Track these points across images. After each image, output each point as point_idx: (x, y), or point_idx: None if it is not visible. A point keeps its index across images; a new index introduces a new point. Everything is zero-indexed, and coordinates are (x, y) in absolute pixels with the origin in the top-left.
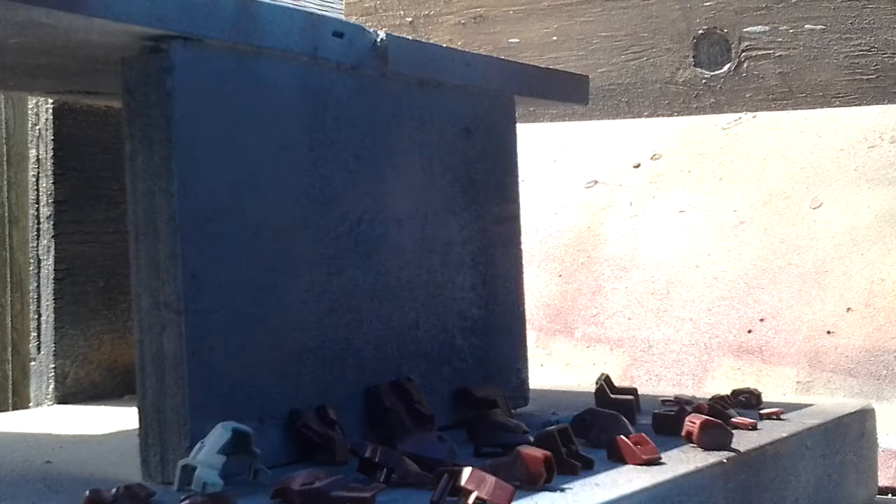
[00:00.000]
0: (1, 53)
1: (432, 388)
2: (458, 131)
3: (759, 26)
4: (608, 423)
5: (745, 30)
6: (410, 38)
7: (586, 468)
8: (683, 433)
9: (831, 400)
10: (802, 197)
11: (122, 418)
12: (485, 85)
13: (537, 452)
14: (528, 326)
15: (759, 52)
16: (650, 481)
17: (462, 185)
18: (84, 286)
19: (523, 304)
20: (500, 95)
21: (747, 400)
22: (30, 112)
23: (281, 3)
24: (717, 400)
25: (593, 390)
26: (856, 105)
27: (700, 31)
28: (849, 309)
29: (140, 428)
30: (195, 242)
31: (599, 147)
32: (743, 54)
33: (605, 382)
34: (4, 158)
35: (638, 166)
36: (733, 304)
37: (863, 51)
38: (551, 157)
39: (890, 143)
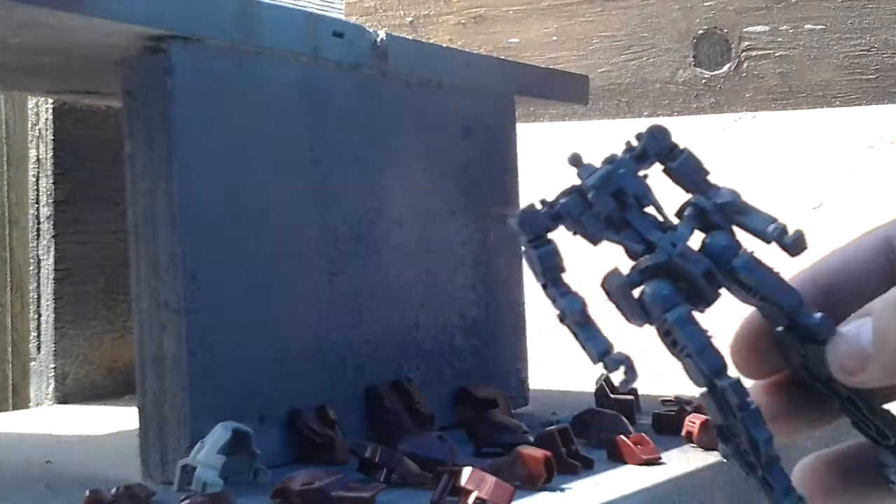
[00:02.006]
0: (1, 53)
1: (432, 388)
2: (458, 131)
3: (759, 26)
4: (608, 423)
5: (745, 30)
6: (410, 38)
7: (586, 468)
8: (683, 433)
9: None
10: (802, 197)
11: (122, 418)
12: (485, 85)
13: (537, 452)
14: (528, 326)
15: (759, 52)
16: (650, 481)
17: (462, 185)
18: (84, 286)
19: (523, 304)
20: (500, 95)
21: None
22: (30, 112)
23: (281, 3)
24: None
25: (593, 390)
26: (856, 105)
27: (700, 31)
28: None
29: (140, 428)
30: (195, 242)
31: (599, 147)
32: (743, 54)
33: (605, 382)
34: (4, 158)
35: None
36: (733, 303)
37: (863, 51)
38: (551, 157)
39: (890, 143)
